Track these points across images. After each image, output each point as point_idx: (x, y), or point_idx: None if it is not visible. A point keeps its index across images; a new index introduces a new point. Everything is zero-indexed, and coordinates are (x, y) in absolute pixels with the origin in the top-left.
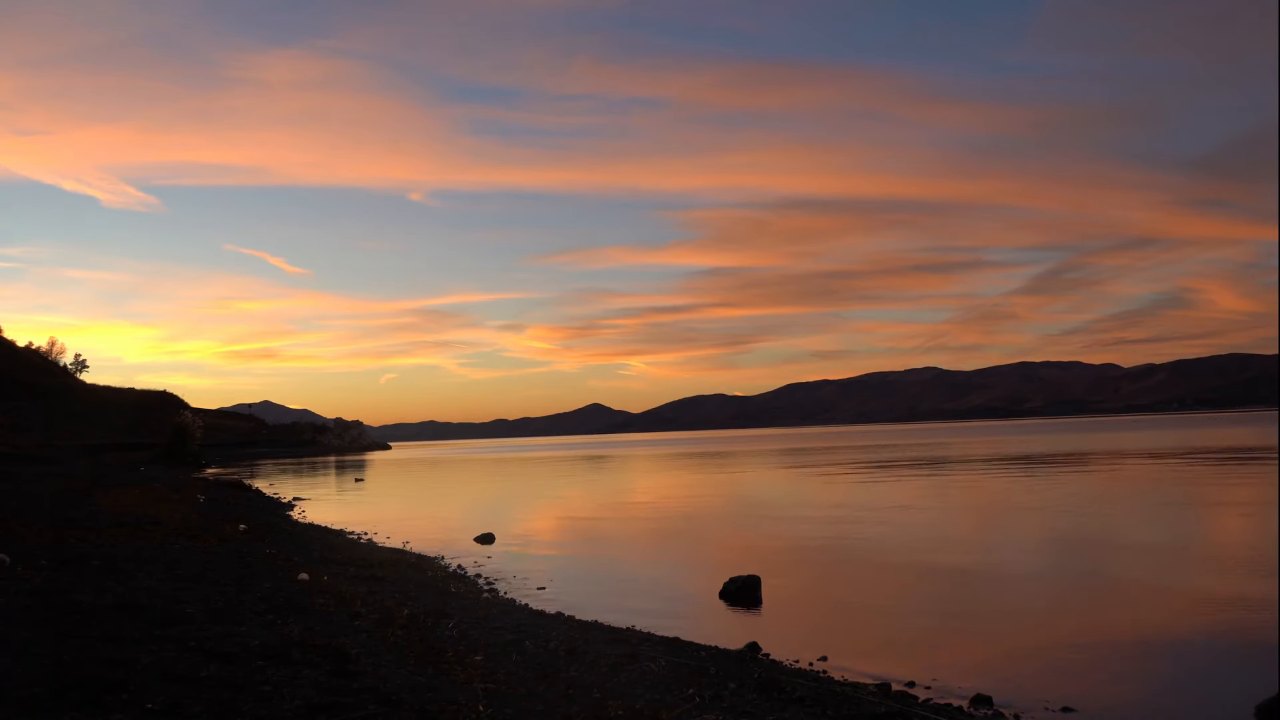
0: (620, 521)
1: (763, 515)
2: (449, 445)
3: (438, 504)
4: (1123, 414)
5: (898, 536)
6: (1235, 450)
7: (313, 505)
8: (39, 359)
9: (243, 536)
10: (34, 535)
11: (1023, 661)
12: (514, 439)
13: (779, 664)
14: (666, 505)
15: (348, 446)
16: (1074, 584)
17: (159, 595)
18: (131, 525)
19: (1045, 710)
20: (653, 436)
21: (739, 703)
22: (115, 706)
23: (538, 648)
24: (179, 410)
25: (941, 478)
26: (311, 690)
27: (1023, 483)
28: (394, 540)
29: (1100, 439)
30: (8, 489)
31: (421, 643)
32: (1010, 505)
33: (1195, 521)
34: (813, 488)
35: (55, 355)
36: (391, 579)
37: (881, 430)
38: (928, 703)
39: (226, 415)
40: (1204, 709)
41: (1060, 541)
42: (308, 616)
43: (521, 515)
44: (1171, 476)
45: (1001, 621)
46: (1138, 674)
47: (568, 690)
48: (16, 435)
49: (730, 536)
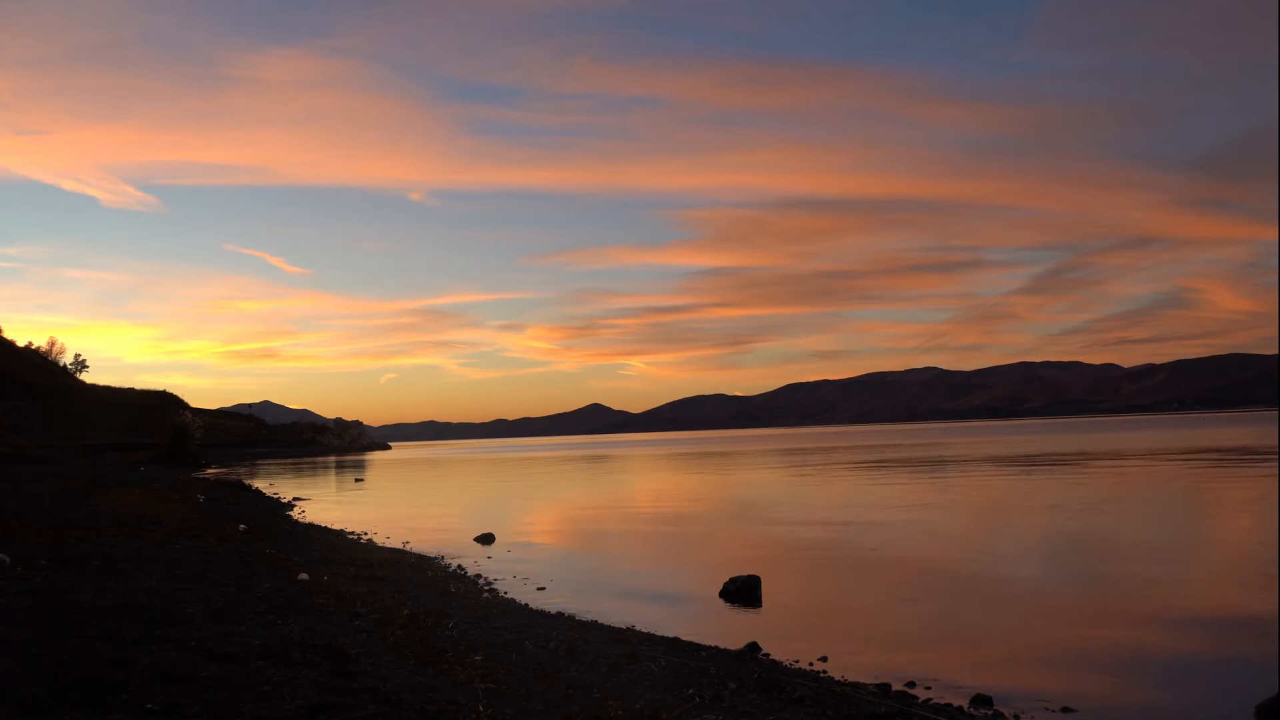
0: (620, 521)
1: (763, 515)
2: (449, 445)
3: (437, 504)
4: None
5: (898, 536)
6: (1235, 450)
7: (313, 505)
8: (39, 359)
9: (243, 536)
10: (34, 535)
11: (1023, 661)
12: (514, 439)
13: (779, 664)
14: (666, 505)
15: (348, 446)
16: (1074, 584)
17: (159, 595)
18: (131, 525)
19: (1045, 710)
20: (653, 436)
21: (739, 703)
22: (115, 706)
23: (538, 648)
24: (179, 410)
25: (941, 478)
26: (311, 690)
27: (1022, 483)
28: (394, 540)
29: (1100, 439)
30: (8, 489)
31: (421, 643)
32: (1010, 505)
33: (1195, 522)
34: (812, 488)
35: (55, 355)
36: (391, 579)
37: (881, 430)
38: (928, 703)
39: (226, 415)
40: (1204, 709)
41: (1060, 541)
42: (308, 616)
43: (521, 515)
44: (1171, 477)
45: (1001, 621)
46: (1138, 674)
47: (568, 690)
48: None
49: (730, 536)
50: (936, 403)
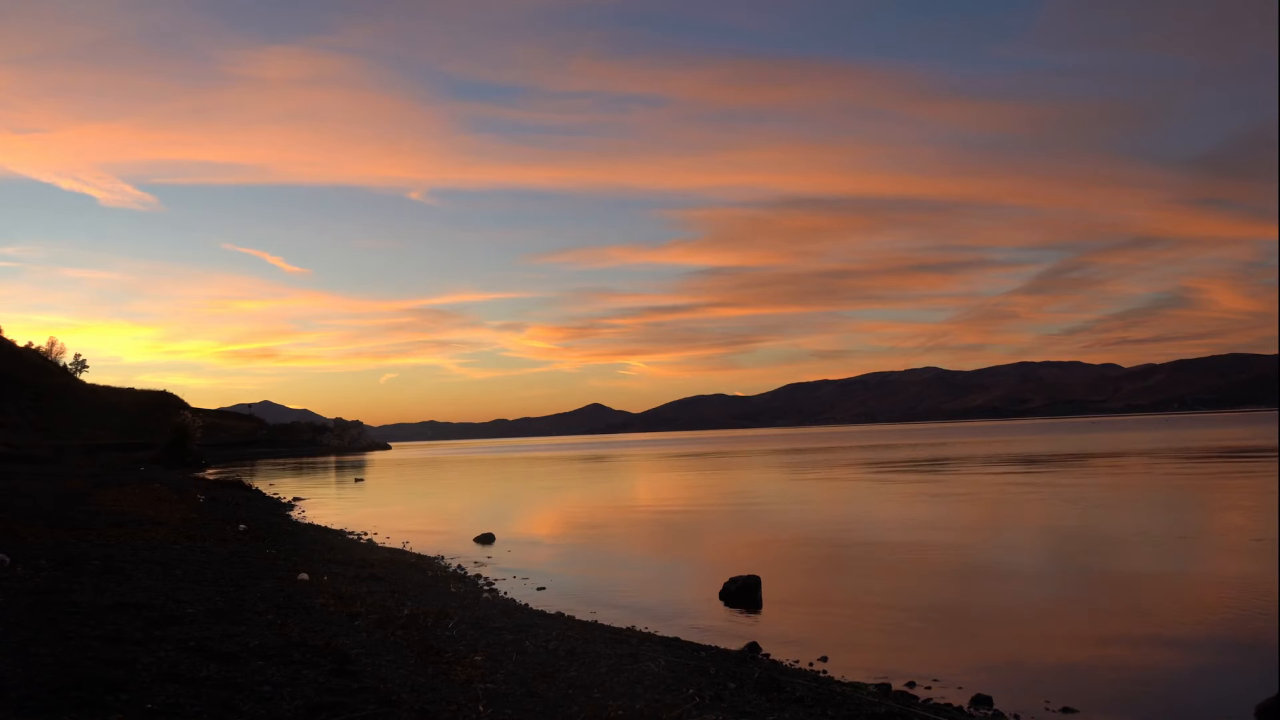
0: (620, 522)
1: (762, 515)
2: (449, 445)
3: (437, 504)
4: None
5: (898, 536)
6: (1235, 450)
7: (312, 505)
8: (39, 359)
9: (243, 537)
10: (34, 535)
11: (1023, 661)
12: (514, 439)
13: (779, 664)
14: (666, 505)
15: (347, 446)
16: (1074, 584)
17: (159, 595)
18: (131, 525)
19: (1045, 710)
20: (653, 436)
21: (739, 703)
22: (115, 706)
23: (538, 648)
24: (179, 410)
25: (941, 478)
26: (311, 690)
27: (1022, 483)
28: (394, 540)
29: (1100, 439)
30: (8, 489)
31: (421, 643)
32: (1009, 505)
33: (1195, 522)
34: (812, 488)
35: (55, 355)
36: (391, 579)
37: (881, 430)
38: (928, 703)
39: (226, 415)
40: (1204, 709)
41: (1060, 541)
42: (308, 616)
43: (521, 515)
44: (1171, 477)
45: (1001, 621)
46: (1138, 674)
47: (568, 690)
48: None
49: (730, 536)
50: (936, 403)
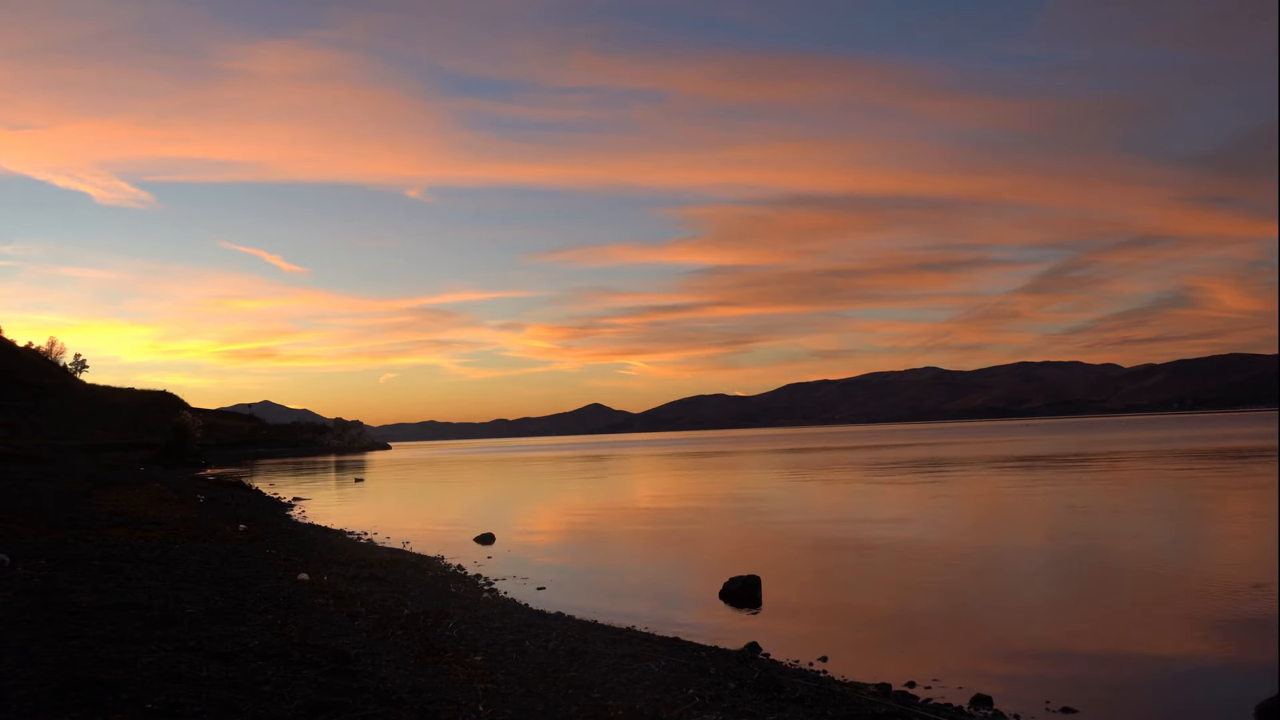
0: (620, 522)
1: (762, 515)
2: (449, 445)
3: (437, 504)
4: (1123, 414)
5: (898, 536)
6: (1235, 450)
7: (312, 505)
8: (39, 359)
9: (242, 536)
10: (34, 535)
11: (1023, 661)
12: (514, 439)
13: (779, 664)
14: (666, 505)
15: (347, 446)
16: (1074, 584)
17: (159, 595)
18: (131, 525)
19: (1045, 710)
20: (653, 436)
21: (739, 703)
22: (115, 707)
23: (538, 648)
24: (178, 410)
25: (941, 478)
26: (311, 690)
27: (1022, 483)
28: (394, 540)
29: (1100, 439)
30: (8, 489)
31: (421, 643)
32: (1009, 505)
33: (1195, 522)
34: (813, 488)
35: (55, 355)
36: (391, 579)
37: (881, 430)
38: (928, 703)
39: (226, 415)
40: (1204, 709)
41: (1059, 541)
42: (308, 616)
43: (521, 515)
44: (1171, 477)
45: (1002, 621)
46: (1138, 674)
47: (568, 690)
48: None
49: (730, 536)
50: (936, 403)
